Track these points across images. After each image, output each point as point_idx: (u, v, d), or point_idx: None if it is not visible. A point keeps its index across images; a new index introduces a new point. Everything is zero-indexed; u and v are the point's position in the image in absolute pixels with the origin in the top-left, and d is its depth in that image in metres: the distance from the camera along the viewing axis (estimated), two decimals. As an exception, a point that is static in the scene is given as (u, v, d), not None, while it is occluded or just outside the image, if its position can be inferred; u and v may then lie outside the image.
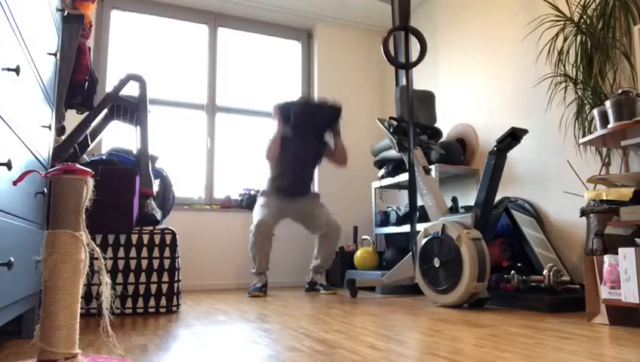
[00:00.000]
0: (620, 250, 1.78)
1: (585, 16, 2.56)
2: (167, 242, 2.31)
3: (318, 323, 1.91)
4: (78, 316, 1.05)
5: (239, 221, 3.90)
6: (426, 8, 4.14)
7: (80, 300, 1.06)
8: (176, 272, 2.32)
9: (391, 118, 2.93)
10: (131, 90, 2.58)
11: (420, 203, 3.43)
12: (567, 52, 2.68)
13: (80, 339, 1.05)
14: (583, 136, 2.54)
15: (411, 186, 2.79)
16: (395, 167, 3.60)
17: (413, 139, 2.83)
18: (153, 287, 2.25)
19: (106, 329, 1.09)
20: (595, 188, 2.37)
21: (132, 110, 2.56)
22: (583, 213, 2.37)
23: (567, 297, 2.27)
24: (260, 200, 3.32)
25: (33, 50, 1.36)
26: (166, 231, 2.32)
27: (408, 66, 2.85)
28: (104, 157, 2.50)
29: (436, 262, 2.47)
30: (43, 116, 1.59)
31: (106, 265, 2.06)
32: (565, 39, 2.68)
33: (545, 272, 2.32)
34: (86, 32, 2.20)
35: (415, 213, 2.78)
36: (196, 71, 4.10)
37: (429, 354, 1.32)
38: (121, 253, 2.23)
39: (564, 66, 2.69)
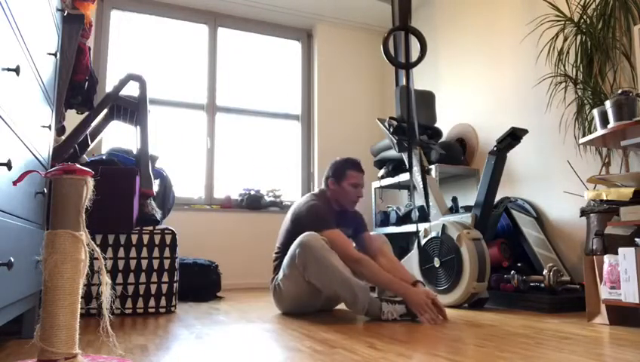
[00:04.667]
0: (620, 250, 1.78)
1: (585, 16, 2.56)
2: (167, 242, 2.31)
3: (318, 323, 1.91)
4: (78, 316, 1.05)
5: (239, 221, 3.90)
6: (426, 9, 4.14)
7: (80, 300, 1.06)
8: (176, 272, 2.32)
9: (391, 118, 2.93)
10: (131, 90, 2.58)
11: (420, 203, 3.43)
12: (567, 52, 2.68)
13: (80, 339, 1.05)
14: (583, 136, 2.54)
15: (412, 185, 2.79)
16: (395, 167, 3.60)
17: (414, 139, 2.83)
18: (153, 287, 2.25)
19: (106, 329, 1.09)
20: (595, 188, 2.37)
21: (132, 110, 2.56)
22: (583, 213, 2.37)
23: (567, 297, 2.27)
24: None
25: (33, 50, 1.36)
26: (166, 231, 2.32)
27: (408, 66, 2.85)
28: (104, 157, 2.50)
29: (436, 262, 2.47)
30: (43, 116, 1.59)
31: (106, 265, 2.06)
32: (565, 39, 2.68)
33: (545, 272, 2.32)
34: (86, 32, 2.20)
35: (427, 212, 2.77)
36: (196, 71, 4.10)
37: (429, 354, 1.31)
38: (121, 253, 2.23)
39: (564, 66, 2.69)
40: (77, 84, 2.28)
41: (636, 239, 1.84)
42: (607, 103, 2.02)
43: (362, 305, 1.98)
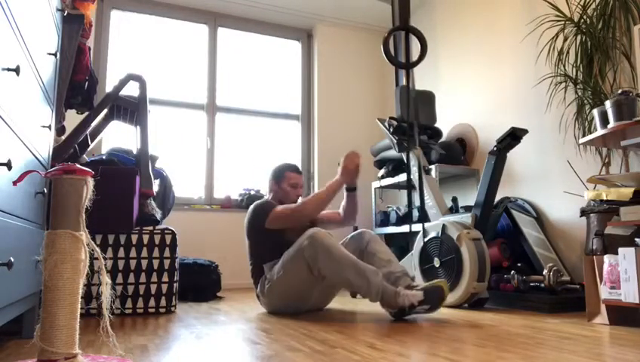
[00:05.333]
0: (620, 250, 1.78)
1: (585, 16, 2.56)
2: (167, 242, 2.31)
3: (318, 323, 1.91)
4: (78, 316, 1.05)
5: (239, 221, 3.89)
6: (426, 8, 4.14)
7: (80, 300, 1.06)
8: (176, 272, 2.32)
9: (391, 117, 2.93)
10: (131, 90, 2.58)
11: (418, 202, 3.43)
12: (567, 52, 2.68)
13: (80, 339, 1.05)
14: (583, 136, 2.54)
15: (409, 186, 2.79)
16: (395, 167, 3.60)
17: (413, 139, 2.83)
18: (153, 287, 2.25)
19: (106, 329, 1.09)
20: (595, 188, 2.37)
21: (132, 110, 2.56)
22: (583, 213, 2.37)
23: (567, 297, 2.27)
24: None
25: (33, 50, 1.36)
26: (166, 231, 2.32)
27: (408, 66, 2.85)
28: (104, 157, 2.50)
29: (436, 262, 2.47)
30: (43, 116, 1.59)
31: (106, 265, 2.06)
32: (565, 39, 2.68)
33: (545, 272, 2.32)
34: (86, 32, 2.20)
35: (421, 213, 2.77)
36: (196, 71, 4.10)
37: (429, 354, 1.31)
38: (121, 253, 2.23)
39: (564, 66, 2.69)
40: (77, 84, 2.28)
41: (636, 239, 1.84)
42: (607, 103, 2.02)
43: (376, 288, 1.94)
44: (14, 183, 1.11)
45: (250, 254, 2.37)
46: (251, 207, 2.39)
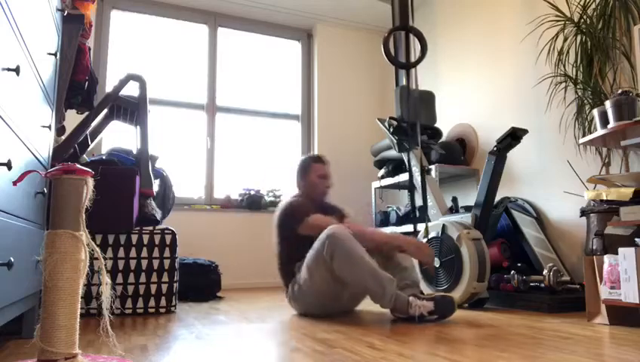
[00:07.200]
0: (620, 250, 1.78)
1: (585, 16, 2.56)
2: (167, 242, 2.31)
3: (318, 323, 1.91)
4: (78, 316, 1.05)
5: (239, 221, 3.90)
6: (426, 8, 4.14)
7: (80, 300, 1.06)
8: (176, 272, 2.32)
9: (391, 117, 2.93)
10: (131, 90, 2.58)
11: (419, 202, 3.43)
12: (567, 52, 2.68)
13: (80, 339, 1.05)
14: (583, 136, 2.54)
15: (411, 186, 2.79)
16: (395, 167, 3.60)
17: (413, 139, 2.83)
18: (153, 287, 2.25)
19: (106, 329, 1.09)
20: (595, 188, 2.37)
21: (132, 110, 2.56)
22: (583, 213, 2.37)
23: (567, 297, 2.27)
24: None
25: (33, 50, 1.36)
26: (166, 231, 2.32)
27: (408, 66, 2.85)
28: (104, 157, 2.50)
29: (436, 262, 2.47)
30: (43, 116, 1.59)
31: (105, 265, 2.06)
32: (565, 39, 2.68)
33: (545, 272, 2.32)
34: (86, 32, 2.20)
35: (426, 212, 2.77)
36: (196, 71, 4.10)
37: (429, 354, 1.31)
38: (121, 253, 2.23)
39: (564, 66, 2.69)
40: (77, 84, 2.28)
41: (636, 239, 1.84)
42: (607, 103, 2.02)
43: (389, 296, 1.92)
44: (14, 183, 1.11)
45: (280, 254, 2.28)
46: (281, 206, 2.30)
